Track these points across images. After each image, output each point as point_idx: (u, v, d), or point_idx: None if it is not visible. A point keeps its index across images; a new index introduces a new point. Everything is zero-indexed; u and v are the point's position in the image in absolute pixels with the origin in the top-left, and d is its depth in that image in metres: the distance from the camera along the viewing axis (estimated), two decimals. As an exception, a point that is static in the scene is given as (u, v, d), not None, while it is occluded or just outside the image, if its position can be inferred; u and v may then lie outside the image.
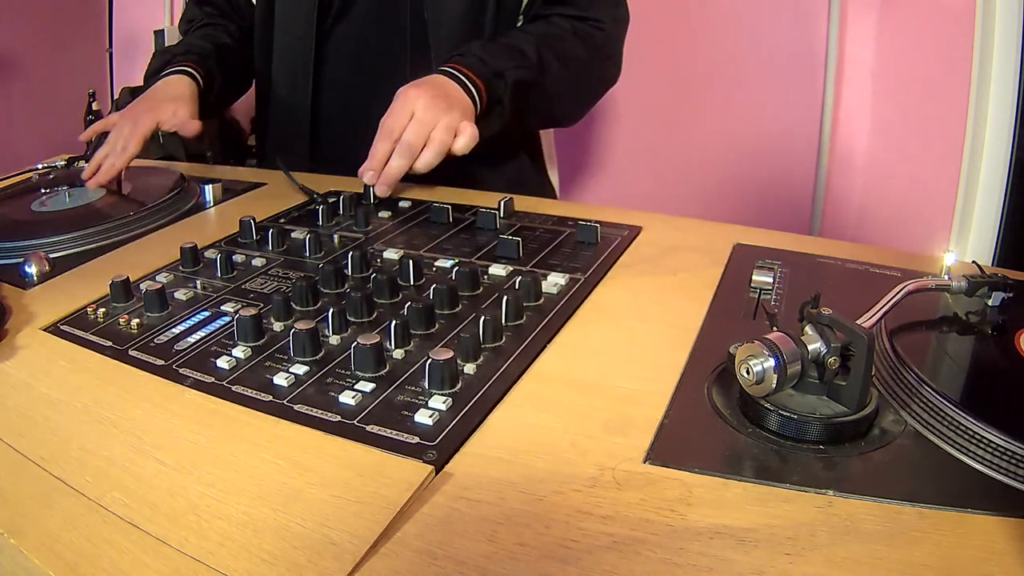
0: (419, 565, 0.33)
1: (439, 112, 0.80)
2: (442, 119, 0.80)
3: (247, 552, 0.34)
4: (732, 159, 1.63)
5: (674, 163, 1.71)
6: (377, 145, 0.81)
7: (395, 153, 0.80)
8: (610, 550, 0.33)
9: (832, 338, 0.40)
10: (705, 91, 1.62)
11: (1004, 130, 1.32)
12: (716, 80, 1.60)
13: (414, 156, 0.80)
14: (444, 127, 0.80)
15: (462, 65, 0.87)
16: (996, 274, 0.52)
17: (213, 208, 0.85)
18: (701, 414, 0.43)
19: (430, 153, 0.79)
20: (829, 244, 0.68)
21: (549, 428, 0.43)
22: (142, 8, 2.33)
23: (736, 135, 1.61)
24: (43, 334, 0.55)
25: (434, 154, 0.79)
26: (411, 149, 0.80)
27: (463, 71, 0.86)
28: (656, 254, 0.67)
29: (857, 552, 0.33)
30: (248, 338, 0.51)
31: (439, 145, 0.79)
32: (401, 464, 0.39)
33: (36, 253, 0.67)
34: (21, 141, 2.09)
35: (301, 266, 0.66)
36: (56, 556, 0.34)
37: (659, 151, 1.70)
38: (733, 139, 1.62)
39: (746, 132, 1.60)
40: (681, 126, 1.67)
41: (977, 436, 0.38)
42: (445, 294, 0.55)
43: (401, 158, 0.80)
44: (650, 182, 1.74)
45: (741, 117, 1.60)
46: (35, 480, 0.39)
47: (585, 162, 1.76)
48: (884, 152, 1.50)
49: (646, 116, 1.65)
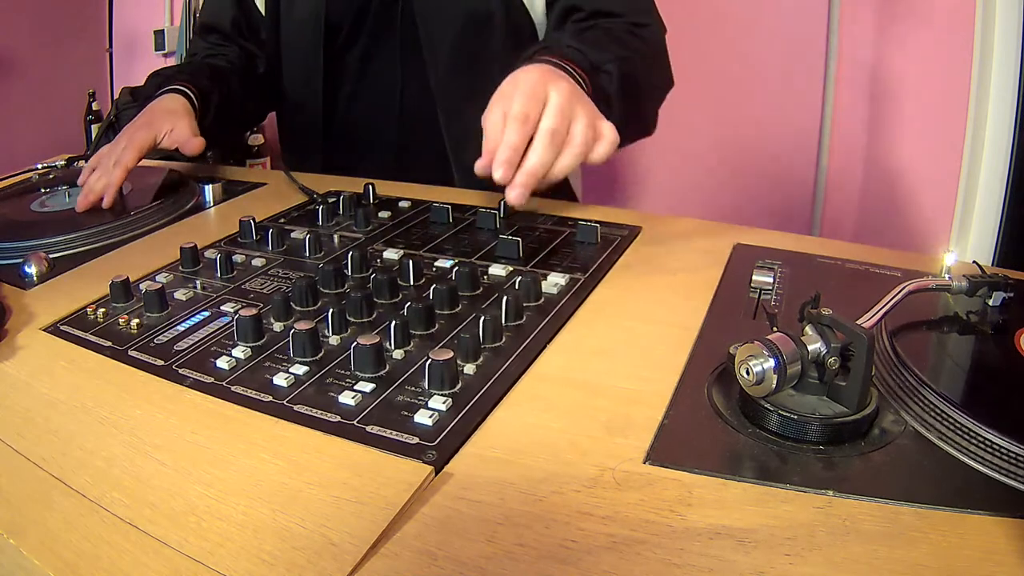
0: (419, 565, 0.33)
1: (576, 102, 0.64)
2: (581, 110, 0.64)
3: (247, 552, 0.34)
4: (732, 159, 1.63)
5: (674, 163, 1.71)
6: (508, 131, 0.62)
7: (536, 143, 0.62)
8: (610, 550, 0.33)
9: (832, 338, 0.40)
10: (705, 91, 1.62)
11: (1004, 130, 1.32)
12: (716, 80, 1.60)
13: (560, 149, 0.63)
14: (588, 123, 0.63)
15: (558, 56, 0.71)
16: (997, 274, 0.52)
17: (213, 208, 0.85)
18: (701, 414, 0.43)
19: (572, 155, 0.63)
20: (829, 244, 0.68)
21: (549, 428, 0.43)
22: (142, 8, 2.33)
23: (736, 135, 1.61)
24: (43, 334, 0.55)
25: (576, 156, 0.63)
26: (557, 138, 0.62)
27: (566, 61, 0.71)
28: (656, 254, 0.67)
29: (857, 552, 0.33)
30: (248, 338, 0.51)
31: (582, 144, 0.63)
32: (401, 464, 0.39)
33: (36, 253, 0.67)
34: (21, 141, 2.09)
35: (301, 266, 0.66)
36: (56, 556, 0.34)
37: (659, 151, 1.70)
38: (733, 139, 1.62)
39: (746, 132, 1.60)
40: (681, 126, 1.67)
41: (977, 436, 0.38)
42: (445, 294, 0.55)
43: (545, 150, 0.62)
44: (650, 182, 1.74)
45: (741, 117, 1.60)
46: (35, 480, 0.39)
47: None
48: (884, 152, 1.50)
49: (646, 116, 1.65)
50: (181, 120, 0.87)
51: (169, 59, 2.27)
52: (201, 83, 0.95)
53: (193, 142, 0.86)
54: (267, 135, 1.88)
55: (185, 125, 0.87)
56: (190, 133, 0.87)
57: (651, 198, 1.75)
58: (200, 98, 0.93)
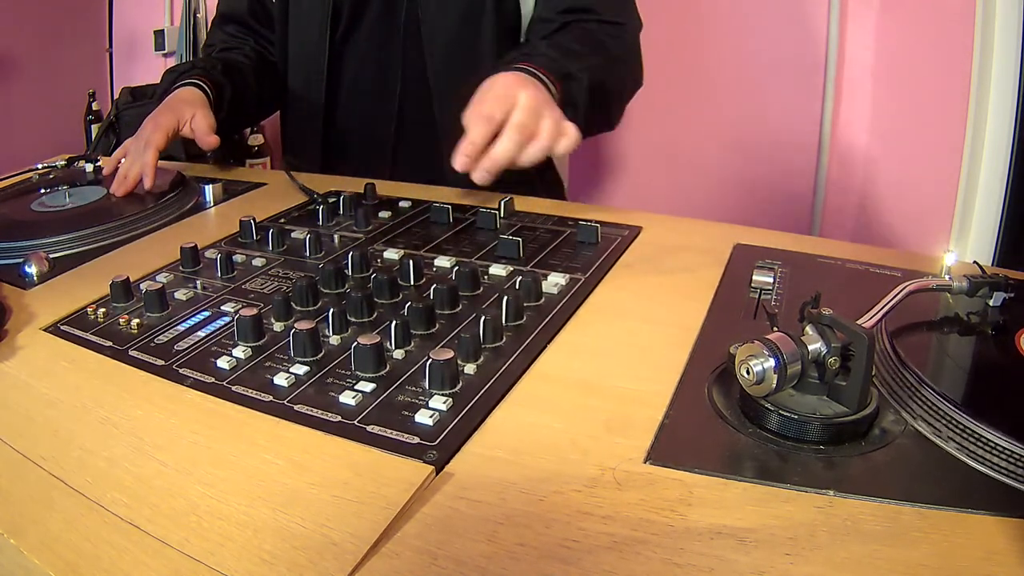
0: (419, 565, 0.33)
1: (543, 104, 0.73)
2: (547, 112, 0.73)
3: (247, 552, 0.34)
4: (732, 159, 1.63)
5: (674, 163, 1.71)
6: (472, 130, 0.72)
7: (504, 136, 0.71)
8: (610, 550, 0.33)
9: (832, 338, 0.40)
10: (705, 91, 1.62)
11: (1004, 130, 1.32)
12: (716, 80, 1.60)
13: (525, 142, 0.72)
14: (554, 120, 0.72)
15: (534, 64, 0.80)
16: (997, 274, 0.52)
17: (213, 208, 0.85)
18: (701, 414, 0.43)
19: (537, 147, 0.72)
20: (829, 244, 0.69)
21: (549, 428, 0.43)
22: (142, 8, 2.32)
23: (736, 135, 1.61)
24: (43, 334, 0.55)
25: (541, 149, 0.72)
26: (524, 131, 0.71)
27: (538, 69, 0.79)
28: (656, 254, 0.67)
29: (857, 552, 0.33)
30: (248, 338, 0.51)
31: (548, 139, 0.72)
32: (401, 464, 0.39)
33: (36, 253, 0.67)
34: (21, 141, 2.09)
35: (301, 266, 0.66)
36: (56, 556, 0.34)
37: (659, 151, 1.70)
38: (733, 139, 1.62)
39: (746, 132, 1.60)
40: (681, 126, 1.67)
41: (977, 436, 0.38)
42: (445, 294, 0.55)
43: (511, 141, 0.71)
44: (650, 182, 1.74)
45: (741, 117, 1.60)
46: (35, 480, 0.39)
47: (585, 162, 1.76)
48: (884, 152, 1.50)
49: (646, 116, 1.65)
50: (200, 110, 0.91)
51: (169, 59, 2.26)
52: (215, 78, 0.98)
53: (210, 138, 0.90)
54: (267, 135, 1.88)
55: (204, 116, 0.91)
56: (207, 127, 0.90)
57: (651, 198, 1.75)
58: (215, 92, 0.97)
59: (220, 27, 1.12)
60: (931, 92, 1.41)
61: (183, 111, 0.90)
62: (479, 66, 1.00)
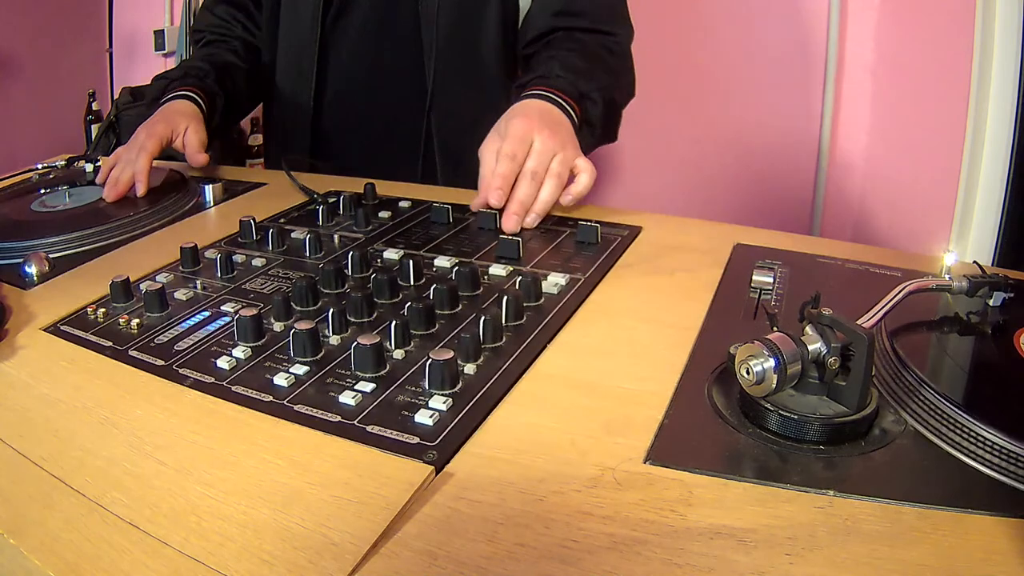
0: (419, 565, 0.33)
1: (557, 148, 0.76)
2: (560, 154, 0.76)
3: (247, 552, 0.34)
4: (732, 159, 1.63)
5: (674, 163, 1.71)
6: (501, 165, 0.74)
7: (520, 182, 0.74)
8: (610, 550, 0.33)
9: (832, 338, 0.40)
10: (705, 91, 1.62)
11: (1004, 130, 1.32)
12: (716, 80, 1.60)
13: (539, 187, 0.75)
14: (561, 161, 0.76)
15: (552, 87, 0.83)
16: (997, 274, 0.52)
17: (213, 208, 0.85)
18: (701, 414, 0.43)
19: (549, 189, 0.75)
20: (829, 244, 0.69)
21: (549, 428, 0.43)
22: (142, 8, 2.33)
23: (736, 135, 1.61)
24: (43, 334, 0.55)
25: (551, 193, 0.75)
26: (537, 178, 0.75)
27: (557, 94, 0.83)
28: (656, 254, 0.67)
29: (857, 552, 0.33)
30: (248, 338, 0.51)
31: (557, 180, 0.75)
32: (401, 464, 0.39)
33: (36, 253, 0.67)
34: (21, 141, 2.09)
35: (301, 266, 0.66)
36: (56, 556, 0.34)
37: (659, 151, 1.70)
38: (733, 139, 1.62)
39: (746, 132, 1.60)
40: (681, 126, 1.67)
41: (977, 436, 0.38)
42: (445, 294, 0.55)
43: (530, 187, 0.74)
44: (650, 182, 1.74)
45: (741, 117, 1.60)
46: (35, 480, 0.39)
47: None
48: (884, 152, 1.50)
49: (647, 116, 1.65)
50: (193, 124, 0.92)
51: (169, 59, 2.27)
52: (208, 87, 0.99)
53: (200, 156, 0.90)
54: (267, 135, 1.88)
55: (195, 131, 0.91)
56: (198, 143, 0.91)
57: (651, 198, 1.75)
58: (208, 103, 0.98)
59: (210, 9, 1.11)
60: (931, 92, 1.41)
61: (177, 123, 0.91)
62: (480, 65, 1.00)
